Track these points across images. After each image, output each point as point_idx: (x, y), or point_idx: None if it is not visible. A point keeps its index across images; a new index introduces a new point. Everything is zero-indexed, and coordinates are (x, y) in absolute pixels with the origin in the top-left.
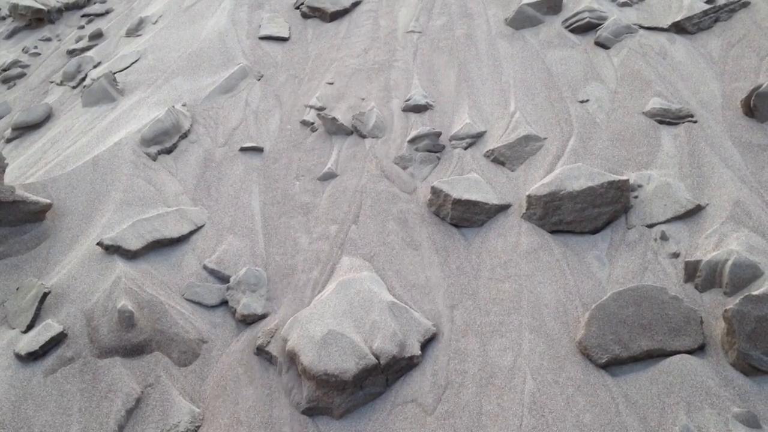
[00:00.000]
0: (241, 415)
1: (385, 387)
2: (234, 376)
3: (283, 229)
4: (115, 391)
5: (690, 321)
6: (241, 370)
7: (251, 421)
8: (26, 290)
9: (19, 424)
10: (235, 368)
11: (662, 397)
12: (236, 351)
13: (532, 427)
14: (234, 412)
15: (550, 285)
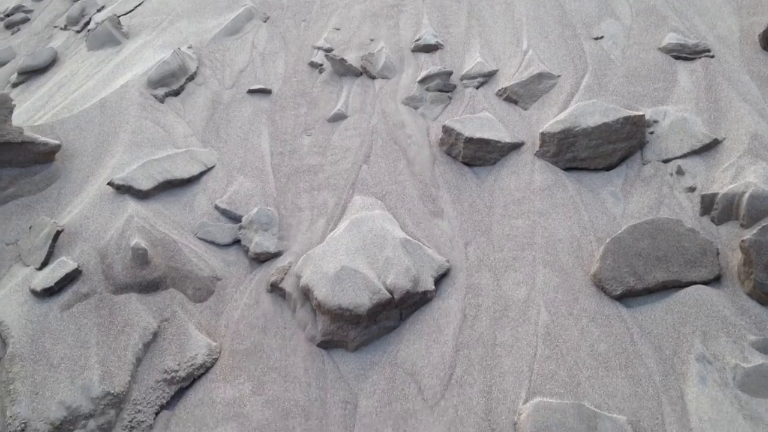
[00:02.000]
0: (256, 348)
1: (399, 321)
2: (248, 312)
3: (294, 170)
4: (132, 326)
5: (706, 252)
6: (255, 307)
7: (267, 354)
8: (39, 229)
9: (38, 356)
10: (250, 305)
11: (677, 327)
12: (250, 288)
13: (546, 357)
14: (250, 346)
15: (564, 221)
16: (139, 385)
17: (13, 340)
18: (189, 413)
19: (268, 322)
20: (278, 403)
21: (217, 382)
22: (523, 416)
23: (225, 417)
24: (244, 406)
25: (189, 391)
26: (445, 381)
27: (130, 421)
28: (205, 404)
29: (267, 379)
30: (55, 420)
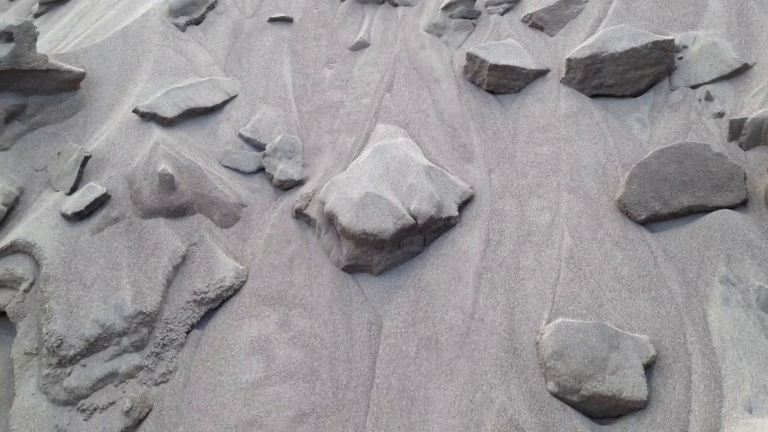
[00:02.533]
0: (283, 272)
1: (422, 246)
2: (274, 237)
3: (316, 98)
4: (162, 249)
5: (733, 177)
6: (280, 232)
7: (292, 277)
8: (67, 155)
9: (71, 277)
10: (275, 230)
11: (702, 250)
12: (275, 215)
13: (570, 280)
14: (276, 270)
15: (590, 147)
16: (170, 306)
17: (46, 262)
18: (219, 332)
19: (294, 248)
20: (303, 328)
21: (245, 305)
22: (546, 336)
23: (255, 331)
24: (272, 329)
25: (218, 312)
26: (469, 304)
27: (162, 339)
28: (234, 326)
29: (294, 303)
30: (89, 337)
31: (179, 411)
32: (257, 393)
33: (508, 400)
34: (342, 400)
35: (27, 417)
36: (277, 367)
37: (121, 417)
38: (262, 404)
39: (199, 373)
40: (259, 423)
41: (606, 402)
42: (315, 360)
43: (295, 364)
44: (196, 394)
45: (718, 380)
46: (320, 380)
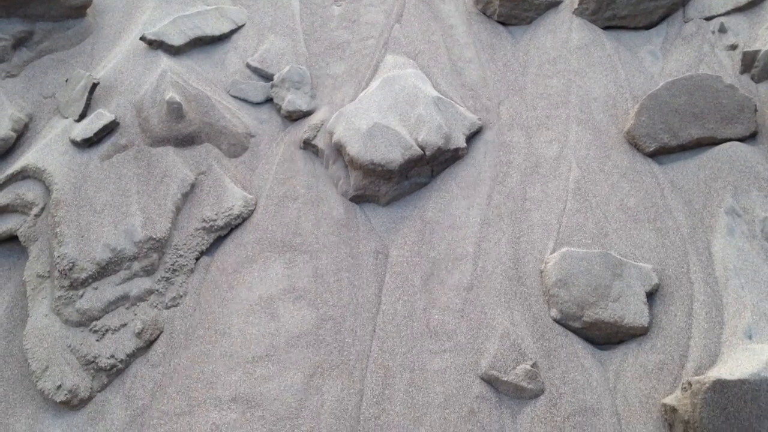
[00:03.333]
0: (290, 202)
1: (430, 178)
2: (282, 167)
3: (325, 29)
4: (170, 177)
5: (744, 109)
6: (289, 162)
7: (300, 207)
8: (75, 81)
9: (81, 202)
10: (283, 160)
11: (709, 182)
12: (283, 145)
13: (576, 210)
14: (284, 200)
15: (601, 79)
16: (180, 232)
17: (56, 187)
18: (228, 259)
19: (301, 178)
20: (310, 257)
21: (253, 234)
22: (550, 264)
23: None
24: (279, 257)
25: (227, 240)
26: (475, 234)
27: (172, 264)
28: (242, 253)
29: (301, 233)
30: (101, 261)
31: (190, 334)
32: (266, 314)
33: (511, 325)
34: (348, 325)
35: (40, 337)
36: (283, 291)
37: (133, 338)
38: (271, 324)
39: (209, 298)
40: (267, 342)
41: (607, 328)
42: (321, 286)
43: (302, 289)
44: (207, 318)
45: (719, 308)
46: (326, 305)
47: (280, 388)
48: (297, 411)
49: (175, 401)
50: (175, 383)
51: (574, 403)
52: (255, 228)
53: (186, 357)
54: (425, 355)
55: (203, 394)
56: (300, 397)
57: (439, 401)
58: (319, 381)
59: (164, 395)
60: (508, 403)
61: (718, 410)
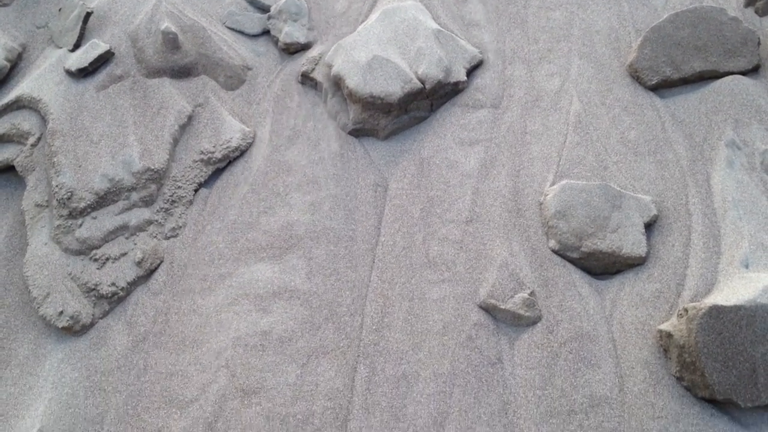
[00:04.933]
0: (289, 135)
1: (429, 112)
2: (280, 100)
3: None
4: (167, 108)
5: (747, 42)
6: (286, 96)
7: (298, 140)
8: (68, 11)
9: (78, 133)
10: (281, 94)
11: (710, 115)
12: (281, 78)
13: (576, 144)
14: (282, 133)
15: (604, 12)
16: (178, 164)
17: (52, 117)
18: (226, 192)
19: (300, 111)
20: (309, 190)
21: (251, 167)
22: (549, 196)
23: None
24: (278, 190)
25: (225, 172)
26: (474, 167)
27: (170, 195)
28: (240, 187)
29: (300, 166)
30: (99, 191)
31: (189, 264)
32: (265, 248)
33: (510, 256)
34: (347, 255)
35: (41, 265)
36: (282, 227)
37: (133, 267)
38: (271, 263)
39: (208, 230)
40: (269, 277)
41: (605, 258)
42: (319, 218)
43: (301, 222)
44: (206, 249)
45: (716, 238)
46: (325, 236)
47: (285, 316)
48: (300, 333)
49: (177, 328)
50: (177, 311)
51: (571, 330)
52: (253, 161)
53: (186, 286)
54: (424, 285)
55: (204, 321)
56: (302, 322)
57: (438, 328)
58: (318, 318)
59: (165, 323)
60: (505, 330)
61: (713, 335)
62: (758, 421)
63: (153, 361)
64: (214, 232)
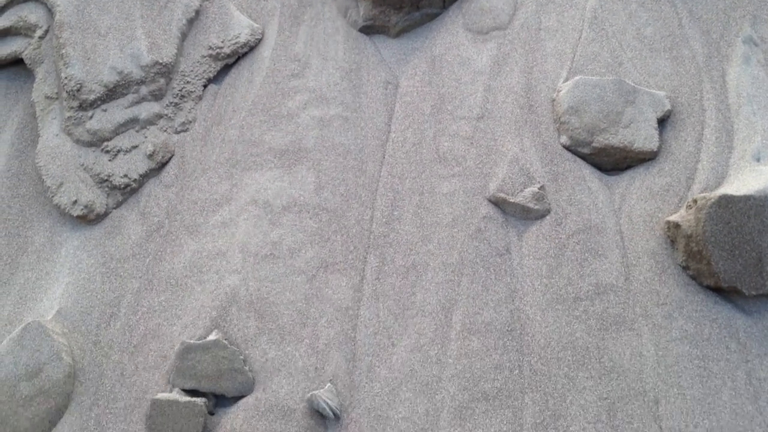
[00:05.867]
0: (297, 32)
1: (441, 8)
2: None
3: None
4: (174, 2)
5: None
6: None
7: (307, 37)
8: None
9: (86, 25)
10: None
11: (727, 11)
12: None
13: (591, 40)
14: (291, 30)
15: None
16: (186, 59)
17: (59, 9)
18: (235, 89)
19: (309, 8)
20: (319, 87)
21: (260, 64)
22: (563, 92)
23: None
24: (286, 89)
25: (234, 69)
26: (487, 64)
27: (179, 90)
28: (249, 84)
29: (309, 64)
30: (108, 83)
31: (201, 159)
32: (274, 145)
33: (520, 151)
34: (357, 151)
35: (53, 155)
36: (292, 126)
37: (145, 160)
38: (279, 165)
39: (217, 127)
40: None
41: (617, 153)
42: (330, 111)
43: (310, 116)
44: (216, 148)
45: (729, 133)
46: (336, 131)
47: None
48: (309, 246)
49: (188, 222)
50: (188, 205)
51: (579, 222)
52: (261, 58)
53: (197, 183)
54: (434, 180)
55: (214, 220)
56: (311, 234)
57: (447, 221)
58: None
59: (178, 214)
60: (514, 223)
61: (721, 224)
62: (761, 308)
63: (167, 252)
64: (224, 130)
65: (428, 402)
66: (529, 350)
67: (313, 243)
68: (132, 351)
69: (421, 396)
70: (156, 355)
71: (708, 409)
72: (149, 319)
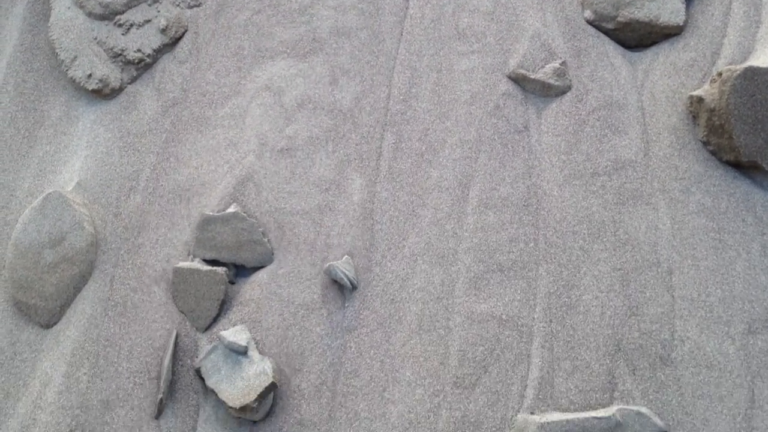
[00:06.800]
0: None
1: None
2: None
3: None
4: None
5: None
6: None
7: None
8: None
9: None
10: None
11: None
12: None
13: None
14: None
15: None
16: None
17: None
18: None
19: None
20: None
21: None
22: None
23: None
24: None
25: None
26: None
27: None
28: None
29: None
30: None
31: (213, 37)
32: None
33: (542, 26)
34: (373, 35)
35: (65, 28)
36: (306, 12)
37: (158, 34)
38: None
39: (230, 6)
40: (292, 35)
41: (641, 28)
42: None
43: (325, 4)
44: (229, 27)
45: (758, 7)
46: (352, 19)
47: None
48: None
49: (203, 101)
50: (202, 83)
51: (600, 99)
52: None
53: (210, 60)
54: (453, 57)
55: (234, 80)
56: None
57: (465, 98)
58: (344, 80)
59: (194, 88)
60: (533, 100)
61: (745, 97)
62: None
63: (183, 129)
64: (237, 8)
65: (444, 273)
66: (544, 224)
67: (329, 140)
68: (152, 223)
69: (437, 267)
70: (176, 227)
71: (721, 279)
72: (168, 192)
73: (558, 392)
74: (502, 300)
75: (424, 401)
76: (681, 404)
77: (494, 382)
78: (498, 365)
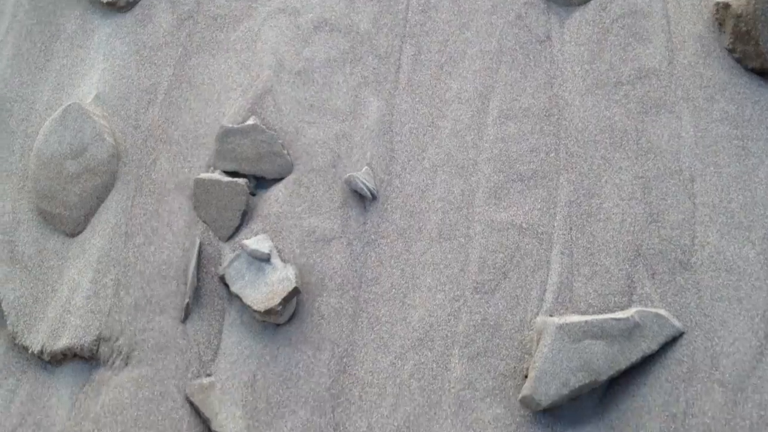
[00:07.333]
0: None
1: None
2: None
3: None
4: None
5: None
6: None
7: None
8: None
9: None
10: None
11: None
12: None
13: None
14: None
15: None
16: None
17: None
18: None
19: None
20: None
21: None
22: None
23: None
24: None
25: None
26: None
27: None
28: None
29: None
30: None
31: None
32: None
33: None
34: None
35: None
36: None
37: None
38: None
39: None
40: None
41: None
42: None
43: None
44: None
45: None
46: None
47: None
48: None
49: (221, 11)
50: (216, 6)
51: (624, 7)
52: None
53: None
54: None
55: (240, 18)
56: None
57: (486, 8)
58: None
59: (209, 4)
60: (556, 9)
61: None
62: None
63: (199, 42)
64: None
65: (464, 183)
66: (566, 134)
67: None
68: (172, 135)
69: (457, 178)
70: (196, 140)
71: (743, 186)
72: (186, 105)
73: (577, 296)
74: (522, 209)
75: (445, 306)
76: (699, 306)
77: (514, 287)
78: (517, 271)
